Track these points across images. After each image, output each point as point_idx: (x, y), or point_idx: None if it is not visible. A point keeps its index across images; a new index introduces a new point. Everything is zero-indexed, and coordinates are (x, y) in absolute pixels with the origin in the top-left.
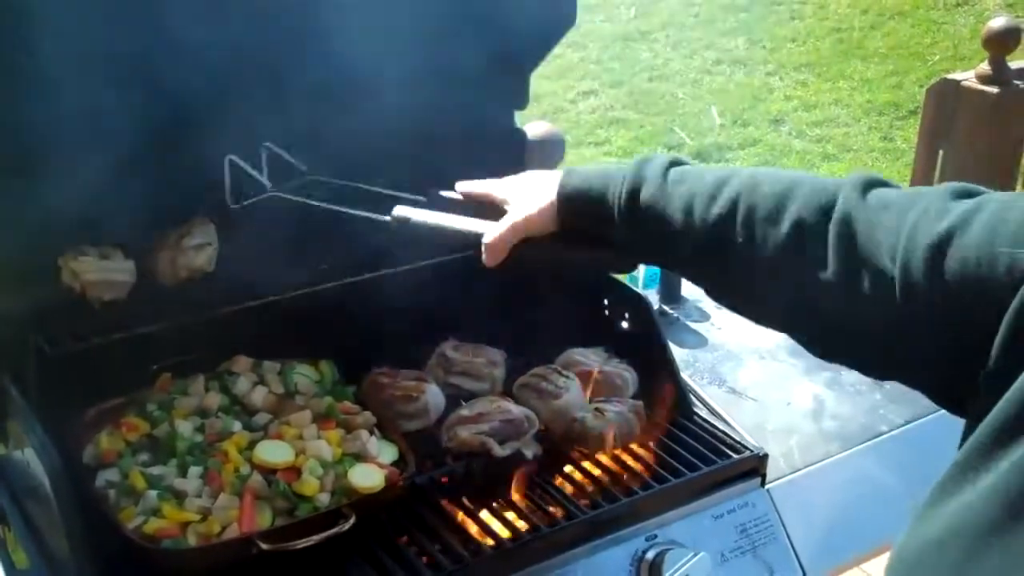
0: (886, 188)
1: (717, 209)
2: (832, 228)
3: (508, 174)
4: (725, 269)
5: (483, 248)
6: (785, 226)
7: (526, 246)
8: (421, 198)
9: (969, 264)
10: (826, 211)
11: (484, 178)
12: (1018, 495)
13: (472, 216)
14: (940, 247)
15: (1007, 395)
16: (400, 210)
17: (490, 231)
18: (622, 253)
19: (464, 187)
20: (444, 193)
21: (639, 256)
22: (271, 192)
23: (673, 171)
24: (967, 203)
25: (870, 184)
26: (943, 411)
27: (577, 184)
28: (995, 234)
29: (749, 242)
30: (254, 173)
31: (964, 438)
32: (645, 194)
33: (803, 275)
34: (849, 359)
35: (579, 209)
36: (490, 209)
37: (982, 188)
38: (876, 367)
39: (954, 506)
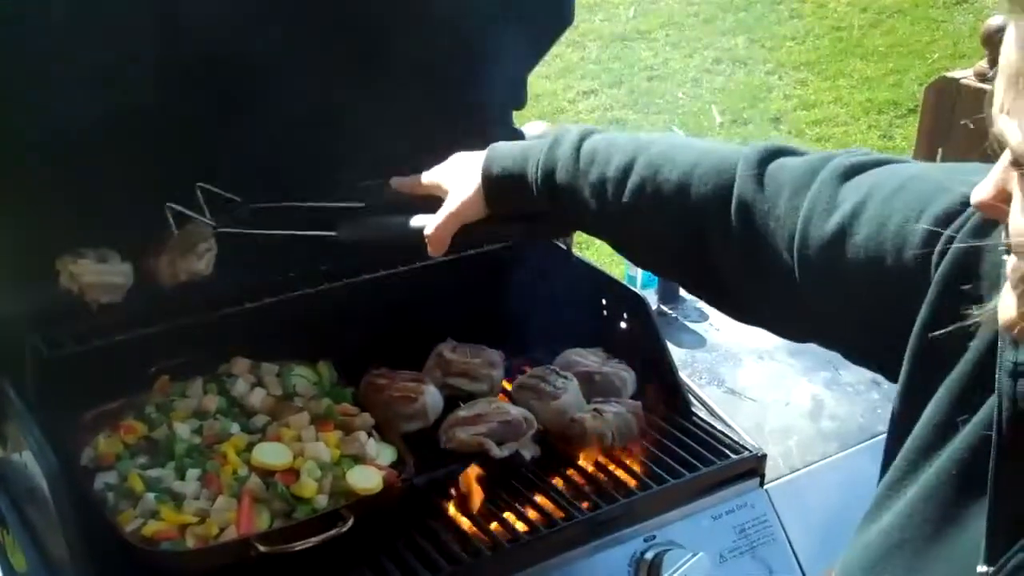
0: (781, 161)
1: (625, 197)
2: (732, 214)
3: None
4: (641, 246)
5: (427, 240)
6: (690, 212)
7: (465, 230)
8: (359, 204)
9: (860, 261)
10: (725, 194)
11: None
12: (921, 516)
13: (418, 208)
14: (833, 244)
15: (918, 427)
16: (345, 225)
17: (429, 224)
18: (550, 224)
19: (399, 183)
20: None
21: (567, 228)
22: (217, 230)
23: (584, 147)
24: (855, 195)
25: (764, 160)
26: None
27: (498, 171)
28: (882, 231)
29: (657, 226)
30: (195, 215)
31: (884, 465)
32: (560, 177)
33: (709, 256)
34: (762, 324)
35: (503, 192)
36: (434, 200)
37: (873, 157)
38: (790, 332)
39: (884, 523)
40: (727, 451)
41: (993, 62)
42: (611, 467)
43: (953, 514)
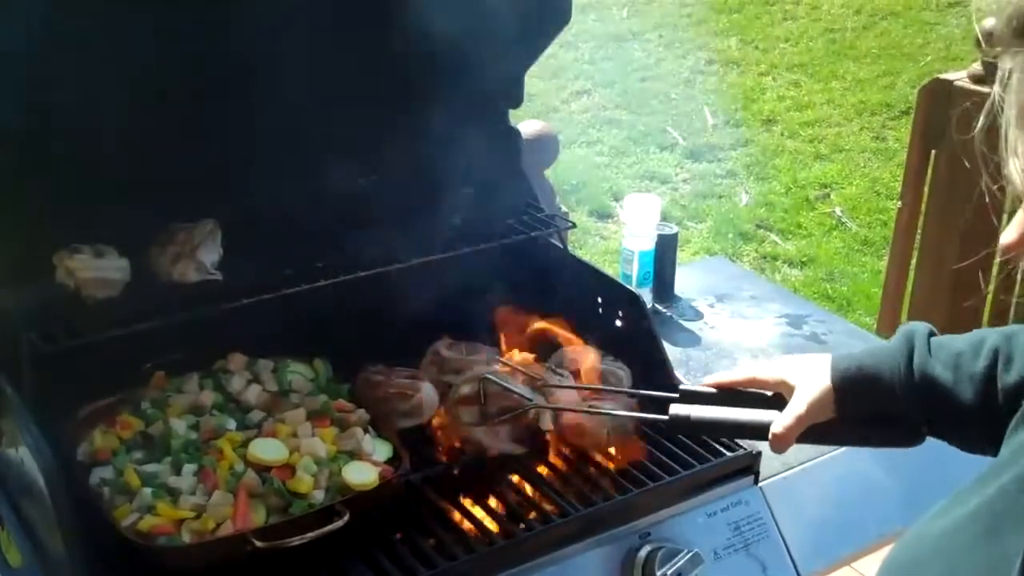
0: None
1: (981, 361)
2: None
3: (504, 173)
4: (995, 415)
5: (771, 439)
6: None
7: (809, 430)
8: (673, 395)
9: None
10: None
11: (481, 176)
12: (998, 514)
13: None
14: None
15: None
16: (678, 408)
17: (776, 422)
18: (905, 427)
19: (723, 377)
20: (692, 388)
21: (921, 426)
22: (533, 405)
23: (933, 340)
24: None
25: None
26: None
27: (852, 365)
28: None
29: (1009, 384)
30: (513, 388)
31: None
32: (918, 361)
33: None
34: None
35: (859, 387)
36: (755, 395)
37: None
38: None
39: (940, 526)
40: (722, 449)
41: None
42: (606, 464)
43: (1001, 526)
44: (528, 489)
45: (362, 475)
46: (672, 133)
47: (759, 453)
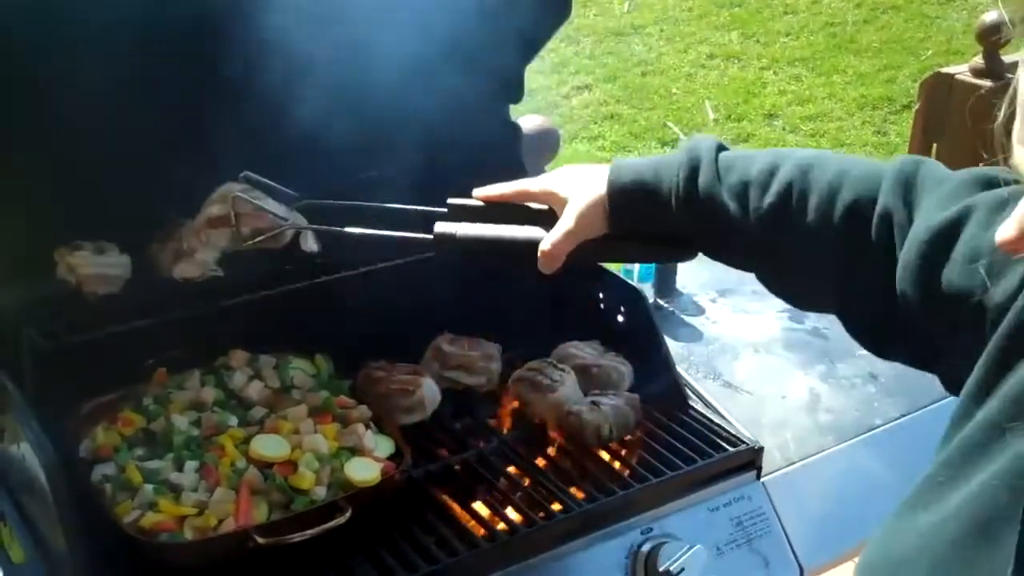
0: (923, 174)
1: (770, 198)
2: (875, 221)
3: (503, 168)
4: (779, 256)
5: (540, 256)
6: (838, 215)
7: (581, 247)
8: (441, 209)
9: (952, 283)
10: (872, 201)
11: (479, 173)
12: (984, 516)
13: (508, 220)
14: (928, 258)
15: (977, 416)
16: (442, 226)
17: (546, 239)
18: (679, 244)
19: (492, 190)
20: (460, 201)
21: (695, 245)
22: (289, 225)
23: (722, 157)
24: (968, 202)
25: (908, 174)
26: (938, 404)
27: (629, 180)
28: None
29: (803, 229)
30: (262, 207)
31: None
32: (701, 181)
33: (853, 261)
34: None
35: (635, 202)
36: (526, 210)
37: (1006, 177)
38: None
39: (923, 523)
40: (724, 444)
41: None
42: (608, 459)
43: (988, 530)
44: (530, 484)
45: (364, 471)
46: (673, 128)
47: (761, 448)
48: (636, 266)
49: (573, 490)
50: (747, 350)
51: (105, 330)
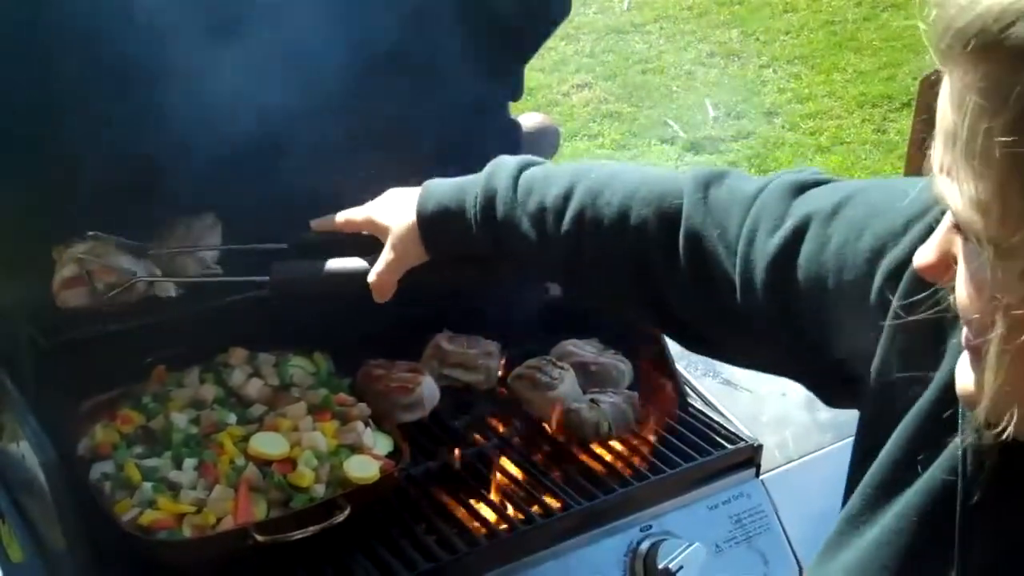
0: (728, 183)
1: (565, 226)
2: (680, 240)
3: None
4: (583, 279)
5: (371, 287)
6: (633, 238)
7: (408, 275)
8: (282, 246)
9: (802, 281)
10: (669, 218)
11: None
12: (880, 562)
13: (347, 251)
14: (775, 264)
15: (878, 462)
16: (278, 268)
17: (372, 272)
18: (492, 269)
19: (321, 224)
20: (308, 236)
21: (508, 271)
22: (139, 278)
23: (523, 178)
24: (797, 213)
25: (710, 183)
26: None
27: (433, 208)
28: (823, 251)
29: (599, 256)
30: (112, 263)
31: (846, 492)
32: (499, 209)
33: (658, 286)
34: (727, 358)
35: (440, 231)
36: (363, 239)
37: (818, 176)
38: (753, 364)
39: (844, 561)
40: (723, 441)
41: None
42: (607, 457)
43: (913, 563)
44: (529, 482)
45: (363, 469)
46: (673, 126)
47: (760, 446)
48: None
49: (572, 488)
50: None
51: (104, 328)
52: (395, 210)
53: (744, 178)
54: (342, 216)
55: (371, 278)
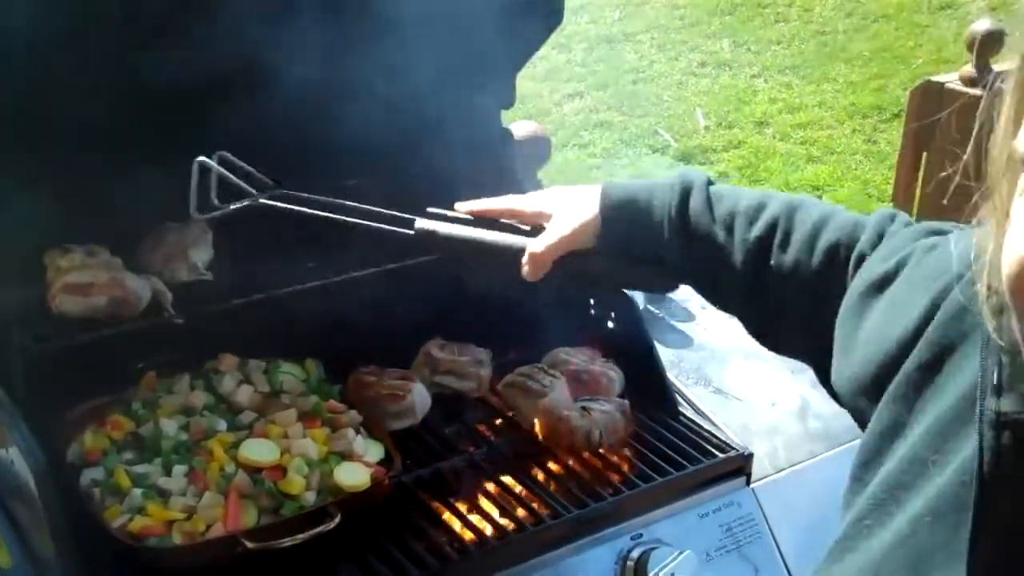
0: (898, 229)
1: (756, 230)
2: (850, 266)
3: (495, 173)
4: (760, 288)
5: (526, 260)
6: (818, 254)
7: (568, 259)
8: (413, 218)
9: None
10: (850, 247)
11: (471, 179)
12: (915, 552)
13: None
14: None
15: (891, 464)
16: (424, 223)
17: (535, 243)
18: (664, 270)
19: (480, 204)
20: (441, 211)
21: (681, 272)
22: (257, 200)
23: (712, 189)
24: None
25: (883, 227)
26: None
27: (623, 195)
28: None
29: (784, 263)
30: (237, 180)
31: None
32: (693, 206)
33: (825, 301)
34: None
35: (626, 220)
36: (508, 227)
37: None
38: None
39: (852, 565)
40: (714, 450)
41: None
42: (598, 465)
43: (928, 562)
44: (520, 490)
45: (354, 476)
46: (664, 135)
47: (751, 454)
48: None
49: (563, 496)
50: (737, 356)
51: (94, 334)
52: (569, 201)
53: (904, 221)
54: (504, 202)
55: (535, 248)
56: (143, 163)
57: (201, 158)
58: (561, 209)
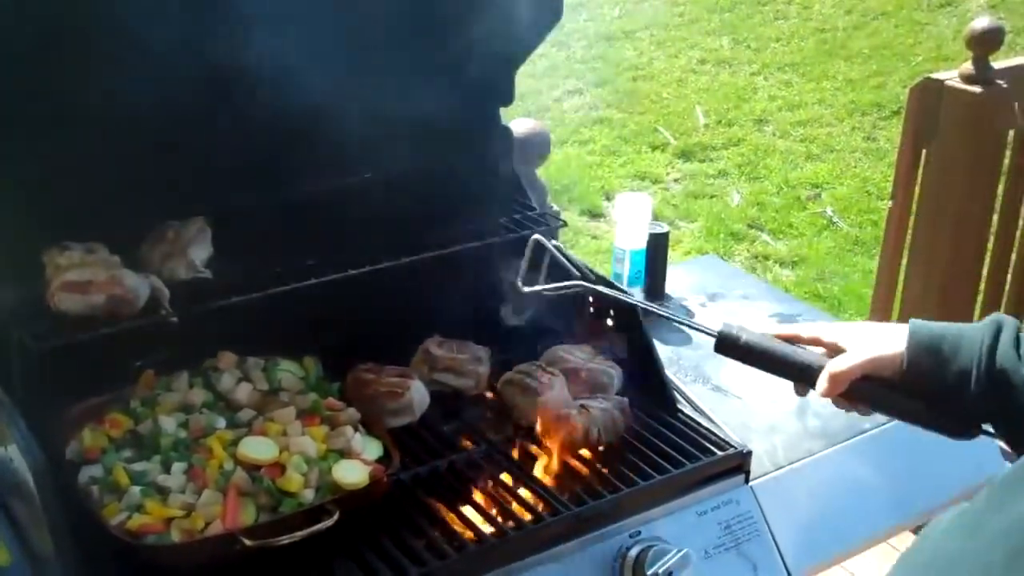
0: None
1: None
2: None
3: (495, 171)
4: None
5: (824, 376)
6: None
7: (864, 383)
8: (712, 331)
9: None
10: None
11: (470, 176)
12: (1015, 546)
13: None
14: None
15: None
16: (729, 326)
17: (835, 362)
18: (965, 412)
19: (786, 329)
20: (738, 327)
21: (984, 415)
22: (582, 284)
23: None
24: None
25: None
26: None
27: (931, 332)
28: None
29: None
30: (564, 262)
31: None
32: (1000, 356)
33: None
34: None
35: (932, 357)
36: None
37: None
38: None
39: (959, 547)
40: (712, 448)
41: (977, 63)
42: (597, 463)
43: (1017, 559)
44: (519, 488)
45: (352, 474)
46: (663, 132)
47: (750, 452)
48: (625, 269)
49: (561, 493)
50: None
51: (93, 332)
52: (870, 330)
53: None
54: (810, 330)
55: (835, 367)
56: (143, 161)
57: (537, 236)
58: (864, 339)
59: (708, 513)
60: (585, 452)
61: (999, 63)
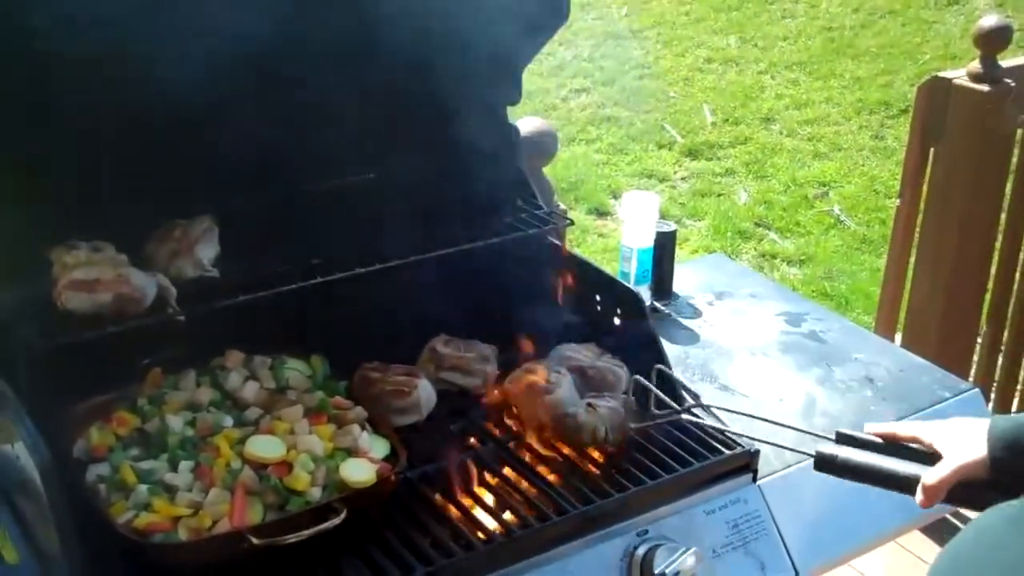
0: None
1: None
2: None
3: (502, 170)
4: None
5: (921, 491)
6: None
7: (959, 488)
8: (830, 438)
9: None
10: None
11: (480, 173)
12: None
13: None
14: None
15: None
16: (825, 447)
17: (930, 474)
18: None
19: (886, 428)
20: (855, 434)
21: None
22: (680, 415)
23: None
24: None
25: None
26: (933, 408)
27: (1005, 430)
28: None
29: None
30: (664, 397)
31: None
32: None
33: None
34: None
35: (1010, 453)
36: (908, 450)
37: None
38: None
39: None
40: (720, 447)
41: (985, 62)
42: (604, 462)
43: None
44: (525, 486)
45: (359, 472)
46: (670, 131)
47: (757, 451)
48: (632, 267)
49: (568, 492)
50: (744, 353)
51: (100, 330)
52: (960, 431)
53: None
54: (908, 429)
55: (929, 480)
56: (148, 159)
57: (638, 376)
58: (954, 443)
59: (716, 512)
60: (592, 451)
61: (1007, 61)
